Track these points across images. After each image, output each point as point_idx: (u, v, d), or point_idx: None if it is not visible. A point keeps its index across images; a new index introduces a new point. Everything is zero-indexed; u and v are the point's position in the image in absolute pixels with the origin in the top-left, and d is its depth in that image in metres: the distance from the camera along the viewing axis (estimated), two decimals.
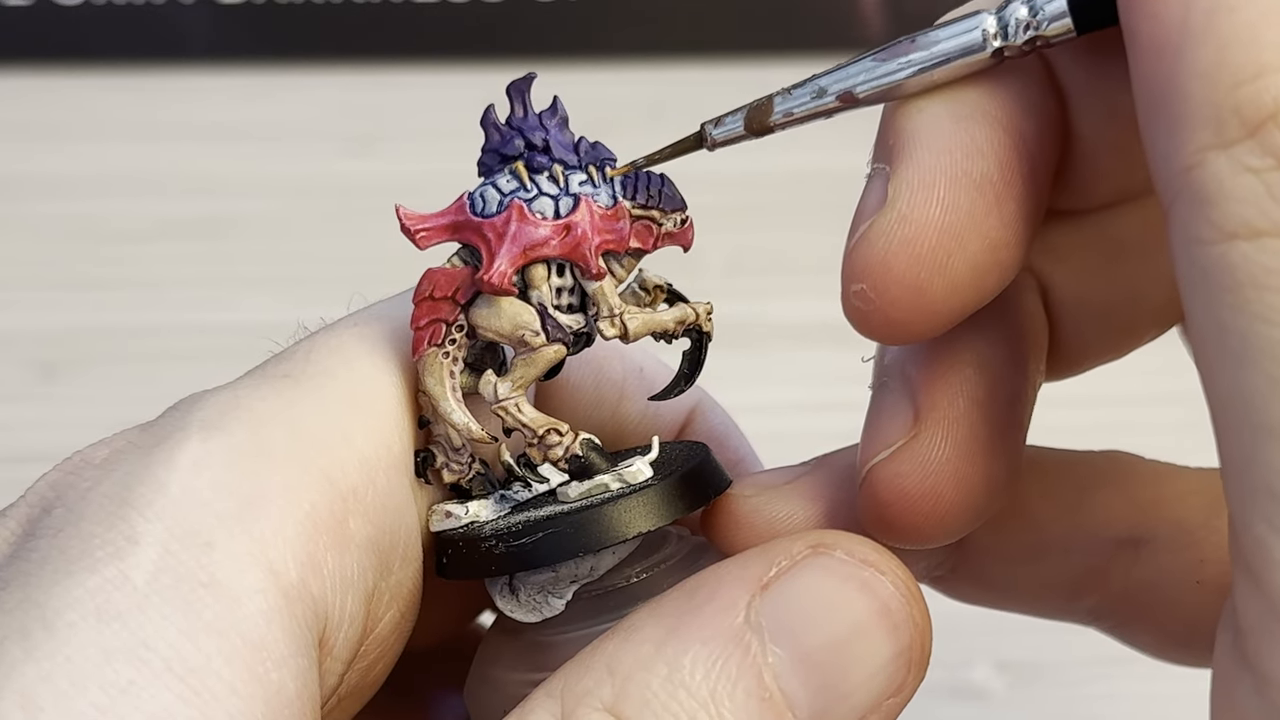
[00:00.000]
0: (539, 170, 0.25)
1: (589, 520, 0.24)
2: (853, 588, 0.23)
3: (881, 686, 0.23)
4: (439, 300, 0.25)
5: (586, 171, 0.25)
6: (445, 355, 0.25)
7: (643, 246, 0.26)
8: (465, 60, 0.81)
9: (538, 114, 0.26)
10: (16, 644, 0.21)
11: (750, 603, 0.23)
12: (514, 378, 0.25)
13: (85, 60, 0.81)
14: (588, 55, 0.81)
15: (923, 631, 0.23)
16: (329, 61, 0.81)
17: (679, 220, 0.26)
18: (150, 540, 0.22)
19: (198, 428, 0.24)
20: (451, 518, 0.26)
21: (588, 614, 0.26)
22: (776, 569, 0.23)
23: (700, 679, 0.22)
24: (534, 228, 0.25)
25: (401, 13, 0.82)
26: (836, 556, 0.23)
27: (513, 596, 0.26)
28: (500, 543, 0.25)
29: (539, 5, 0.82)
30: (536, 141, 0.25)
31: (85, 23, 0.81)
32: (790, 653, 0.22)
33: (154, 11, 0.81)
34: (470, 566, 0.25)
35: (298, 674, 0.22)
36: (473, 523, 0.26)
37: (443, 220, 0.25)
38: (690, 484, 0.25)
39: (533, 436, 0.25)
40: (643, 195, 0.26)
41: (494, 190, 0.25)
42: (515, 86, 0.26)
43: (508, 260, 0.25)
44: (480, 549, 0.25)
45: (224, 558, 0.22)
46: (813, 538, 0.23)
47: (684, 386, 0.27)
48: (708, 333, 0.27)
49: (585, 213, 0.25)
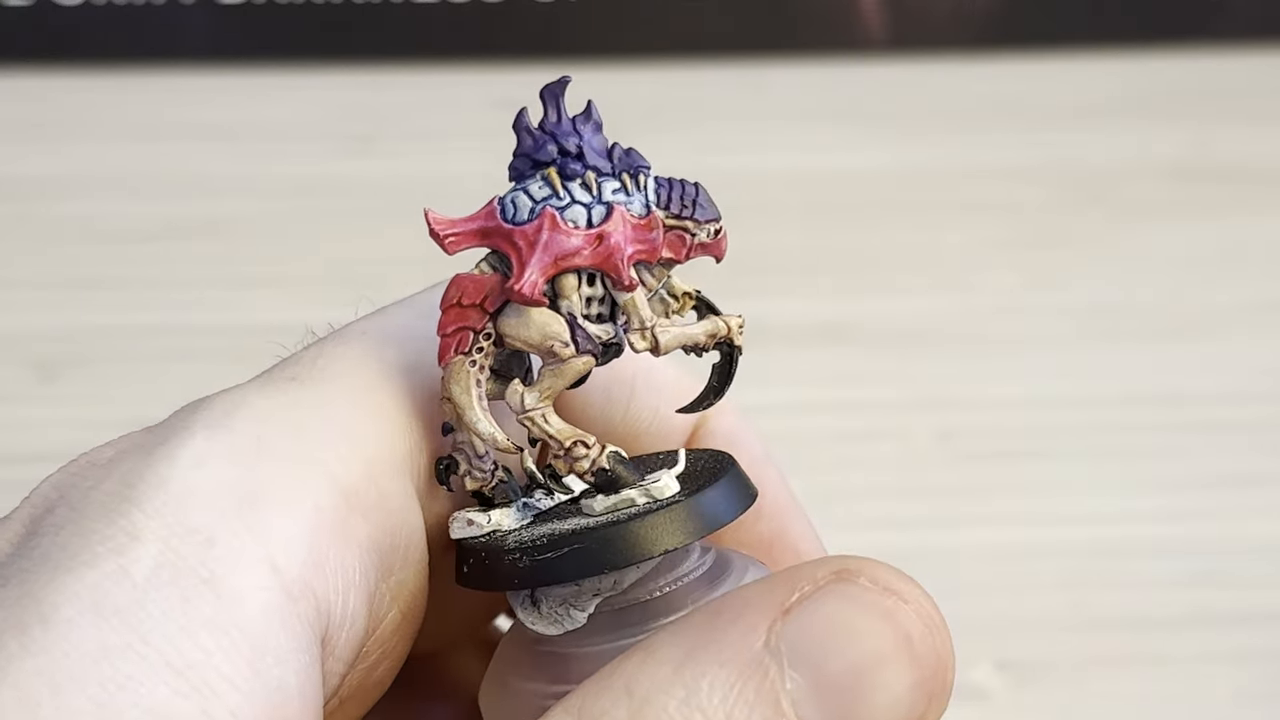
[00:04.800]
0: (572, 177, 0.25)
1: (615, 537, 0.24)
2: (875, 615, 0.22)
3: (901, 717, 0.22)
4: (467, 308, 0.25)
5: (620, 179, 0.25)
6: (472, 364, 0.25)
7: (675, 257, 0.25)
8: (465, 60, 0.81)
9: (571, 118, 0.25)
10: (14, 638, 0.21)
11: (771, 627, 0.22)
12: (541, 388, 0.25)
13: (85, 60, 0.81)
14: (588, 55, 0.81)
15: (944, 663, 0.23)
16: (329, 61, 0.81)
17: (713, 230, 0.26)
18: (151, 536, 0.22)
19: (201, 426, 0.24)
20: (473, 525, 0.26)
21: (609, 628, 0.25)
22: (799, 594, 0.23)
23: (718, 703, 0.22)
24: (566, 237, 0.24)
25: (401, 13, 0.82)
26: (860, 583, 0.23)
27: (534, 608, 0.25)
28: (524, 556, 0.24)
29: (539, 5, 0.82)
30: (570, 147, 0.25)
31: (85, 23, 0.81)
32: (809, 679, 0.22)
33: (153, 11, 0.81)
34: (493, 578, 0.25)
35: (299, 671, 0.22)
36: (494, 532, 0.26)
37: (472, 225, 0.25)
38: (717, 500, 0.25)
39: (559, 448, 0.25)
40: (676, 204, 0.25)
41: (525, 197, 0.25)
42: (550, 90, 0.25)
43: (539, 270, 0.24)
44: (504, 561, 0.25)
45: (225, 554, 0.22)
46: (836, 563, 0.23)
47: (713, 400, 0.27)
48: (738, 346, 0.26)
49: (618, 222, 0.25)
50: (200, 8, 0.81)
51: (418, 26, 0.82)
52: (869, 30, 0.83)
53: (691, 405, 0.27)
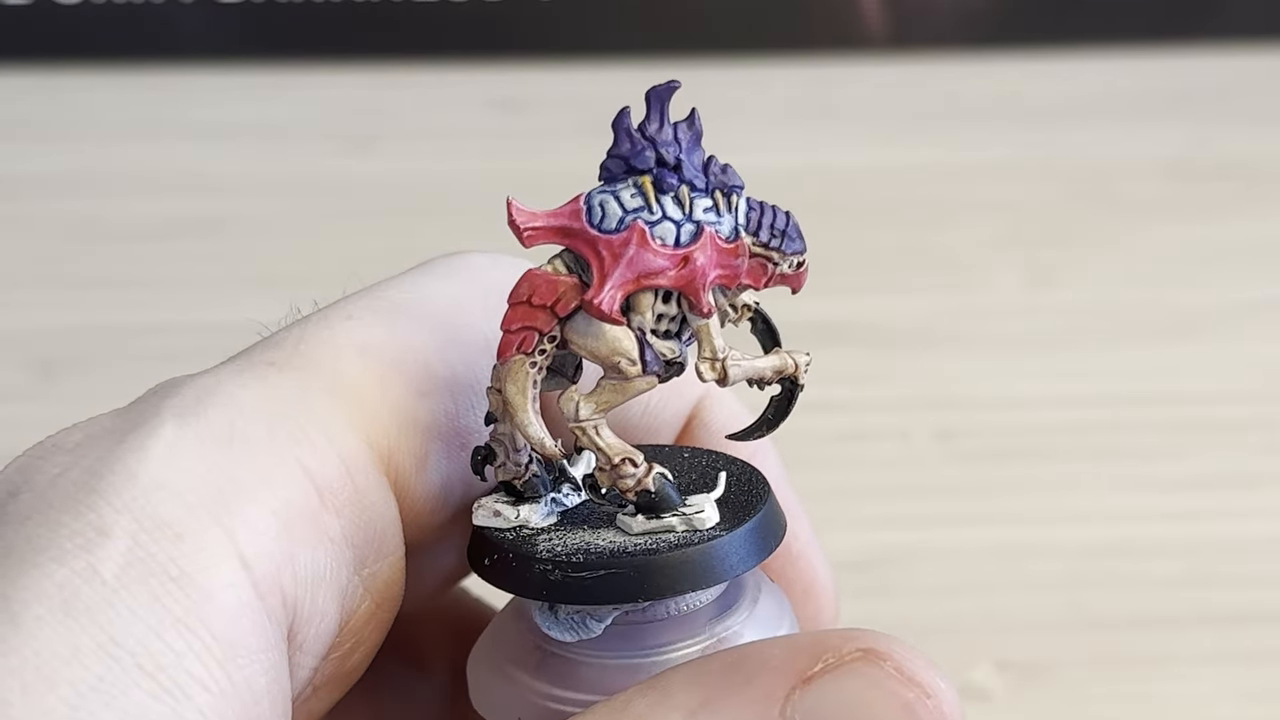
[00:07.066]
0: (666, 190, 0.24)
1: (653, 569, 0.24)
2: (895, 706, 0.22)
3: None
4: (537, 308, 0.24)
5: (713, 197, 0.24)
6: (532, 364, 0.24)
7: (753, 284, 0.25)
8: (465, 60, 0.81)
9: (674, 124, 0.25)
10: None
11: (789, 696, 0.22)
12: (599, 400, 0.24)
13: (85, 60, 0.81)
14: (588, 55, 0.81)
15: None
16: (329, 61, 0.81)
17: (796, 263, 0.25)
18: (120, 532, 0.21)
19: (172, 414, 0.23)
20: (499, 517, 0.25)
21: (622, 642, 0.25)
22: (822, 665, 0.22)
23: None
24: (653, 256, 0.24)
25: (401, 13, 0.82)
26: (885, 669, 0.22)
27: (551, 614, 0.25)
28: (557, 570, 0.24)
29: (539, 5, 0.82)
30: (669, 158, 0.24)
31: (85, 23, 0.81)
32: None
33: (153, 11, 0.81)
34: (520, 584, 0.25)
35: (267, 669, 0.22)
36: (520, 527, 0.25)
37: (555, 222, 0.24)
38: (754, 538, 0.25)
39: (606, 463, 0.25)
40: (765, 233, 0.24)
41: (616, 204, 0.24)
42: (656, 93, 0.25)
43: (620, 287, 0.24)
44: (534, 569, 0.24)
45: (194, 550, 0.22)
46: (867, 640, 0.23)
47: (765, 432, 0.26)
48: (801, 385, 0.26)
49: (706, 245, 0.24)
50: (200, 7, 0.81)
51: (418, 26, 0.82)
52: (869, 30, 0.83)
53: (742, 434, 0.27)
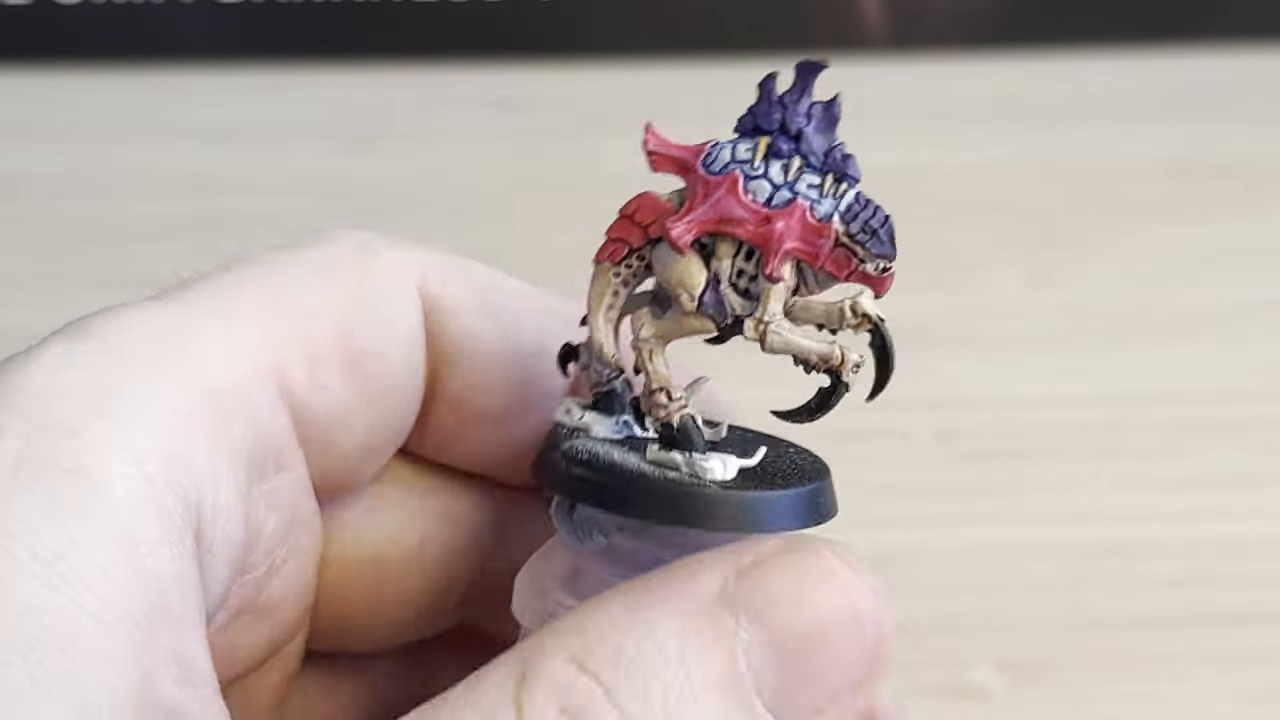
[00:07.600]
0: (778, 155, 0.25)
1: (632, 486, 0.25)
2: (830, 584, 0.23)
3: (845, 682, 0.23)
4: (635, 224, 0.26)
5: (823, 178, 0.25)
6: (615, 275, 0.26)
7: (835, 273, 0.25)
8: (465, 60, 0.81)
9: (811, 103, 0.25)
10: None
11: (726, 583, 0.23)
12: (660, 327, 0.25)
13: (85, 60, 0.81)
14: (588, 55, 0.81)
15: (888, 636, 0.24)
16: (329, 61, 0.81)
17: (880, 267, 0.25)
18: (12, 433, 0.22)
19: (59, 337, 0.24)
20: (569, 414, 0.27)
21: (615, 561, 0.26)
22: (755, 557, 0.23)
23: (674, 647, 0.22)
24: (737, 205, 0.25)
25: (401, 13, 0.82)
26: (817, 553, 0.24)
27: (568, 517, 0.26)
28: (569, 463, 0.25)
29: (539, 5, 0.82)
30: (791, 128, 0.25)
31: (85, 23, 0.81)
32: (762, 636, 0.23)
33: (153, 11, 0.81)
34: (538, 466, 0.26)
35: (174, 560, 0.22)
36: (577, 429, 0.26)
37: (677, 153, 0.25)
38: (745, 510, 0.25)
39: (647, 388, 0.25)
40: (857, 225, 0.25)
41: (729, 152, 0.25)
42: (806, 67, 0.26)
43: (697, 222, 0.25)
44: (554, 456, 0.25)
45: (88, 444, 0.22)
46: (794, 539, 0.24)
47: (805, 419, 0.27)
48: (845, 383, 0.26)
49: (795, 215, 0.25)
50: (200, 7, 0.81)
51: (418, 26, 0.82)
52: (869, 30, 0.83)
53: (786, 413, 0.27)
